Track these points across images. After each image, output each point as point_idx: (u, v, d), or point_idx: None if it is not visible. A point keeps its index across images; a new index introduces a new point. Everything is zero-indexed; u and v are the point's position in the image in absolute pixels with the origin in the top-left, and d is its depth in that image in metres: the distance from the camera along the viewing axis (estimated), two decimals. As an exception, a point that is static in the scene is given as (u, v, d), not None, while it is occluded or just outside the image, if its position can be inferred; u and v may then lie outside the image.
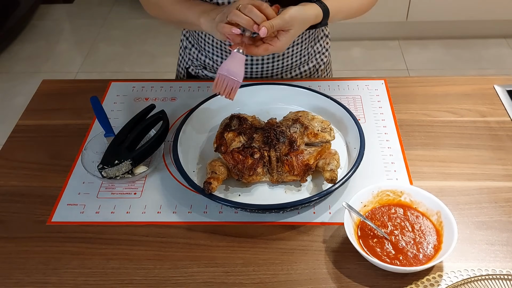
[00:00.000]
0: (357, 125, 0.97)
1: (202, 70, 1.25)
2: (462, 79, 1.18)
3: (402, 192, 0.86)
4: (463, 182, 0.92)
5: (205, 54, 1.21)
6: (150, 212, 0.89)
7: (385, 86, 1.16)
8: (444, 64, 2.83)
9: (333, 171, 0.87)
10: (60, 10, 3.53)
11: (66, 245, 0.85)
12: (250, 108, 1.08)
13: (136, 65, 2.94)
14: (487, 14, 2.81)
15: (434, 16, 2.83)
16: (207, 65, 1.23)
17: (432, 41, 2.98)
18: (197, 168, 0.96)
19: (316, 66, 1.27)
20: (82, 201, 0.92)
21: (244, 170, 0.89)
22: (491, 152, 0.98)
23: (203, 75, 1.25)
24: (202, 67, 1.25)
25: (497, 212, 0.87)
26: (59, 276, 0.80)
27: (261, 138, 0.93)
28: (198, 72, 1.26)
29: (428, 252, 0.78)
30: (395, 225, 0.83)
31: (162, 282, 0.79)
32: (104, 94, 1.17)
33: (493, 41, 2.96)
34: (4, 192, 0.95)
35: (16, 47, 3.13)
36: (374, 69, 2.81)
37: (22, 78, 2.87)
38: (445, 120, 1.06)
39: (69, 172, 0.98)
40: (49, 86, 1.22)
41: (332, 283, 0.77)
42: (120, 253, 0.83)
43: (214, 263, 0.81)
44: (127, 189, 0.94)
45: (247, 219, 0.87)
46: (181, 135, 0.97)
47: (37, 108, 1.15)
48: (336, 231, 0.85)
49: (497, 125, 1.05)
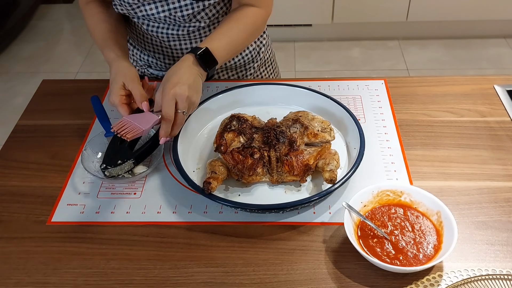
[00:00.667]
0: (357, 125, 0.97)
1: (147, 69, 1.26)
2: (462, 79, 1.18)
3: (402, 192, 0.86)
4: (463, 182, 0.93)
5: (147, 53, 1.23)
6: (150, 212, 0.89)
7: (385, 86, 1.16)
8: (444, 64, 2.83)
9: (333, 172, 0.87)
10: (60, 10, 3.53)
11: (66, 245, 0.85)
12: (250, 108, 1.08)
13: (136, 65, 2.94)
14: (487, 14, 2.81)
15: (434, 16, 2.83)
16: (151, 63, 1.24)
17: (432, 41, 2.98)
18: (197, 168, 0.96)
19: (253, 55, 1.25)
20: (82, 201, 0.92)
21: (244, 170, 0.89)
22: (491, 152, 0.98)
23: (148, 74, 1.27)
24: (147, 66, 1.26)
25: (497, 212, 0.87)
26: (59, 276, 0.80)
27: (261, 138, 0.93)
28: (144, 71, 1.27)
29: (428, 252, 0.78)
30: (395, 225, 0.83)
31: (162, 282, 0.79)
32: (104, 94, 1.17)
33: (493, 41, 2.96)
34: (4, 192, 0.95)
35: (16, 47, 3.13)
36: (374, 69, 2.81)
37: (22, 78, 2.87)
38: (445, 120, 1.06)
39: (69, 172, 0.98)
40: (49, 86, 1.22)
41: (332, 283, 0.77)
42: (120, 253, 0.83)
43: (214, 263, 0.81)
44: (127, 189, 0.94)
45: (247, 219, 0.87)
46: (181, 135, 0.97)
47: (37, 108, 1.15)
48: (336, 231, 0.85)
49: (497, 125, 1.05)
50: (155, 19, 1.09)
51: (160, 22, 1.11)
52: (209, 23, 1.13)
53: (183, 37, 1.14)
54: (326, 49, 2.97)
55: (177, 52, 1.18)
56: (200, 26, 1.12)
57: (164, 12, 1.05)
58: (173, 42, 1.16)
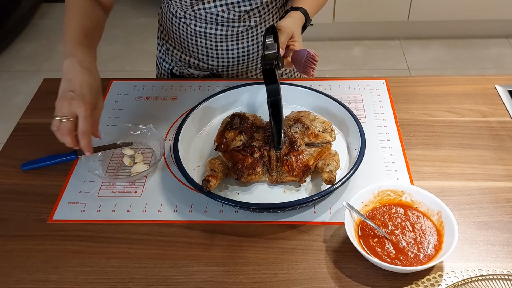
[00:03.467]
0: (358, 125, 0.97)
1: (187, 69, 1.26)
2: (463, 79, 1.18)
3: (402, 192, 0.86)
4: (464, 182, 0.92)
5: (190, 54, 1.23)
6: (151, 211, 0.89)
7: (386, 85, 1.16)
8: (445, 63, 2.83)
9: (331, 172, 0.87)
10: (61, 9, 3.52)
11: (66, 243, 0.85)
12: (252, 107, 1.08)
13: (137, 64, 2.94)
14: (488, 14, 2.81)
15: (435, 15, 2.83)
16: (192, 64, 1.25)
17: (434, 40, 2.98)
18: (197, 166, 0.96)
19: None
20: (83, 200, 0.92)
21: (243, 170, 0.89)
22: (492, 152, 0.98)
23: (188, 74, 1.27)
24: (187, 66, 1.26)
25: (498, 212, 0.87)
26: (60, 274, 0.80)
27: (261, 137, 0.93)
28: (183, 71, 1.27)
29: (429, 252, 0.78)
30: (395, 224, 0.82)
31: (162, 280, 0.79)
32: (105, 93, 1.17)
33: (495, 41, 2.96)
34: (5, 190, 0.95)
35: (17, 46, 3.13)
36: (375, 68, 2.81)
37: (23, 77, 2.87)
38: (446, 120, 1.06)
39: (70, 170, 0.98)
40: (50, 84, 1.22)
41: (332, 283, 0.77)
42: (120, 252, 0.83)
43: (215, 262, 0.81)
44: (128, 187, 0.94)
45: (247, 218, 0.87)
46: (182, 134, 0.97)
47: (38, 106, 1.15)
48: (337, 230, 0.85)
49: (498, 125, 1.05)
50: (205, 17, 1.11)
51: (209, 22, 1.13)
52: (257, 23, 1.15)
53: (230, 37, 1.16)
54: (327, 48, 2.96)
55: (222, 53, 1.19)
56: (249, 26, 1.15)
57: (222, 6, 1.08)
58: (220, 43, 1.17)
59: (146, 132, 1.02)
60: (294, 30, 1.02)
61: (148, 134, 1.02)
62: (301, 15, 1.07)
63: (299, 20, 1.06)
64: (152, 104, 1.13)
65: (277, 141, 0.88)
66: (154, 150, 1.01)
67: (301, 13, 1.07)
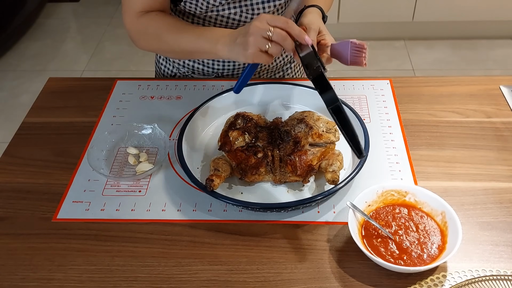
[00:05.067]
0: (362, 125, 0.97)
1: (191, 75, 1.26)
2: (467, 80, 1.18)
3: (406, 192, 0.86)
4: (468, 183, 0.92)
5: (194, 59, 1.22)
6: (155, 210, 0.90)
7: (390, 86, 1.16)
8: (450, 64, 2.82)
9: (335, 172, 0.87)
10: (66, 8, 3.55)
11: (71, 242, 0.85)
12: (256, 107, 1.08)
13: (142, 64, 2.94)
14: (493, 14, 2.80)
15: (440, 16, 2.83)
16: (196, 69, 1.24)
17: (438, 41, 2.97)
18: (202, 166, 0.97)
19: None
20: (88, 199, 0.92)
21: (247, 169, 0.89)
22: (497, 153, 0.98)
23: None
24: (191, 71, 1.26)
25: (502, 212, 0.87)
26: (65, 272, 0.81)
27: (265, 137, 0.93)
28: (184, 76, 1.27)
29: (432, 252, 0.78)
30: (399, 225, 0.82)
31: (166, 279, 0.79)
32: (110, 92, 1.17)
33: (499, 41, 2.95)
34: (10, 189, 0.95)
35: (22, 45, 3.14)
36: (379, 69, 2.80)
37: (29, 76, 2.89)
38: (451, 120, 1.06)
39: (75, 169, 0.98)
40: (55, 84, 1.23)
41: (335, 282, 0.77)
42: (124, 250, 0.83)
43: (218, 261, 0.81)
44: (132, 186, 0.94)
45: (251, 217, 0.88)
46: (186, 133, 0.98)
47: (43, 105, 1.16)
48: (340, 230, 0.85)
49: (502, 125, 1.04)
50: (215, 19, 1.10)
51: (217, 25, 1.12)
52: None
53: None
54: (332, 49, 2.96)
55: None
56: None
57: (235, 8, 1.08)
58: None
59: (151, 131, 1.02)
60: (320, 24, 1.00)
61: (152, 134, 1.02)
62: (318, 11, 1.06)
63: (318, 15, 1.05)
64: (157, 104, 1.13)
65: (356, 148, 0.79)
66: (158, 149, 1.01)
67: (317, 9, 1.07)
